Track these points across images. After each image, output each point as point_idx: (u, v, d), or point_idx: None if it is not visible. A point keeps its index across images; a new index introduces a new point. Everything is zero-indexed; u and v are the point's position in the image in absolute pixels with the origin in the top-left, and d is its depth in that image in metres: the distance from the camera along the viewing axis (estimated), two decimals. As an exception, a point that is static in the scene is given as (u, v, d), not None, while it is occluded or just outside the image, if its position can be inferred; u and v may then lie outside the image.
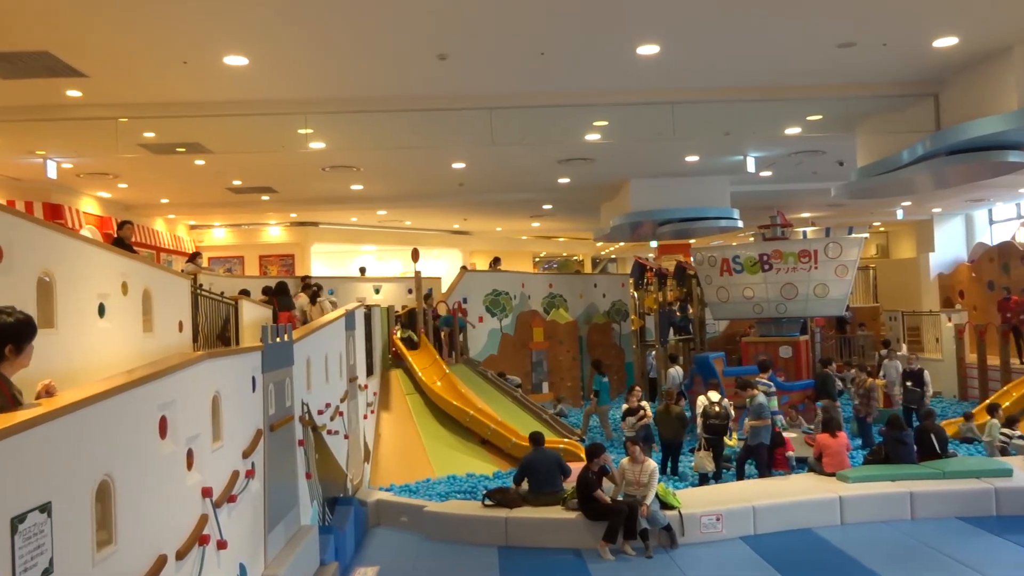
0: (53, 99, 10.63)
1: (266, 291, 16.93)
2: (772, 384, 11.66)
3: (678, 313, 19.20)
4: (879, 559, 8.12)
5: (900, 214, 23.99)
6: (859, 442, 12.96)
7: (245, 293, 14.38)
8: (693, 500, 9.33)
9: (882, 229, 30.51)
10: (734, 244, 19.47)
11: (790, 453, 11.42)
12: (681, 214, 17.11)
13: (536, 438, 10.09)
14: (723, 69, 10.41)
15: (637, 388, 13.19)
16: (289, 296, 16.13)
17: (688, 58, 9.91)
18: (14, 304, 3.49)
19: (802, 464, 11.30)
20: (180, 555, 3.83)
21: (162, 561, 3.58)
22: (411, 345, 15.52)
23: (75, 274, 5.47)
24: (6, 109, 10.85)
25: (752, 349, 16.46)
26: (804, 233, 19.26)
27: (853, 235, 17.22)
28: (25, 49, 8.80)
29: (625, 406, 12.39)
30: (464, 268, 22.17)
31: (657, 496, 8.84)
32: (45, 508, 2.60)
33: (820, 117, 12.55)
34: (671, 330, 18.82)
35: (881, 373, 16.05)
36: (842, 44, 9.46)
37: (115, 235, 11.01)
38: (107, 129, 11.41)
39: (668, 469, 11.92)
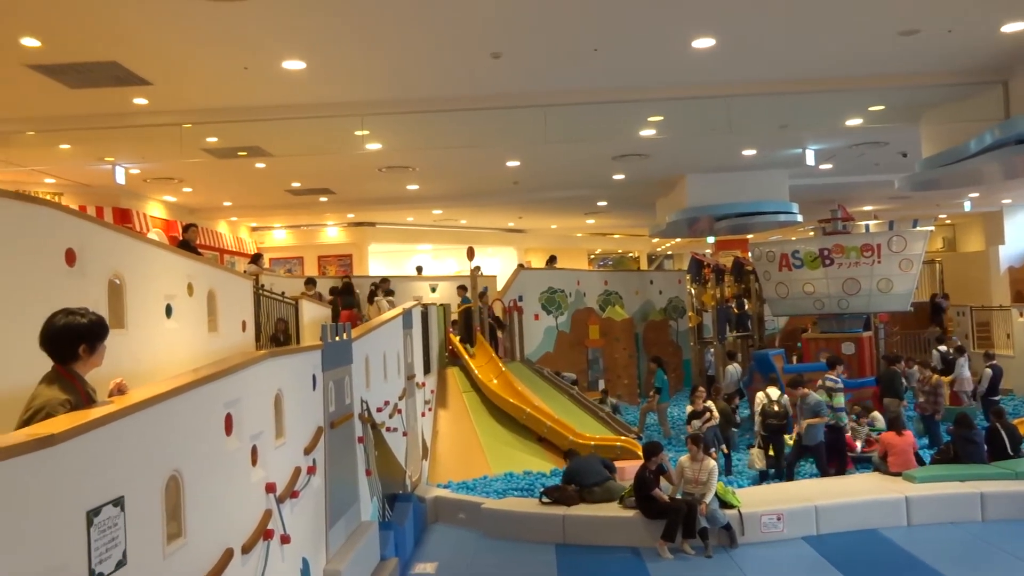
0: (121, 107, 11.00)
1: (333, 291, 17.27)
2: (840, 381, 11.34)
3: (735, 310, 18.92)
4: (947, 562, 7.88)
5: (967, 206, 23.21)
6: (925, 441, 12.60)
7: (311, 283, 14.68)
8: (753, 499, 9.19)
9: (948, 222, 29.58)
10: (793, 239, 19.09)
11: (853, 453, 11.17)
12: (738, 209, 16.86)
13: (570, 454, 10.74)
14: (780, 61, 10.22)
15: (701, 389, 12.57)
16: (353, 295, 16.40)
17: (744, 51, 9.76)
18: (87, 306, 3.62)
19: (866, 463, 11.05)
20: (246, 549, 3.93)
21: (229, 555, 3.68)
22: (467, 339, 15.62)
23: (143, 276, 5.66)
24: (78, 118, 11.28)
25: (813, 346, 16.14)
26: (866, 227, 18.76)
27: (918, 228, 16.67)
28: (94, 60, 9.13)
29: (690, 408, 11.87)
30: (520, 266, 22.20)
31: (717, 495, 8.74)
32: (118, 502, 2.70)
33: (882, 107, 12.22)
34: (729, 327, 18.56)
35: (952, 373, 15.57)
36: (904, 32, 9.19)
37: (181, 238, 11.35)
38: (172, 135, 11.77)
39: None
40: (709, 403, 12.06)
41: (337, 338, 6.51)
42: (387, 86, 10.74)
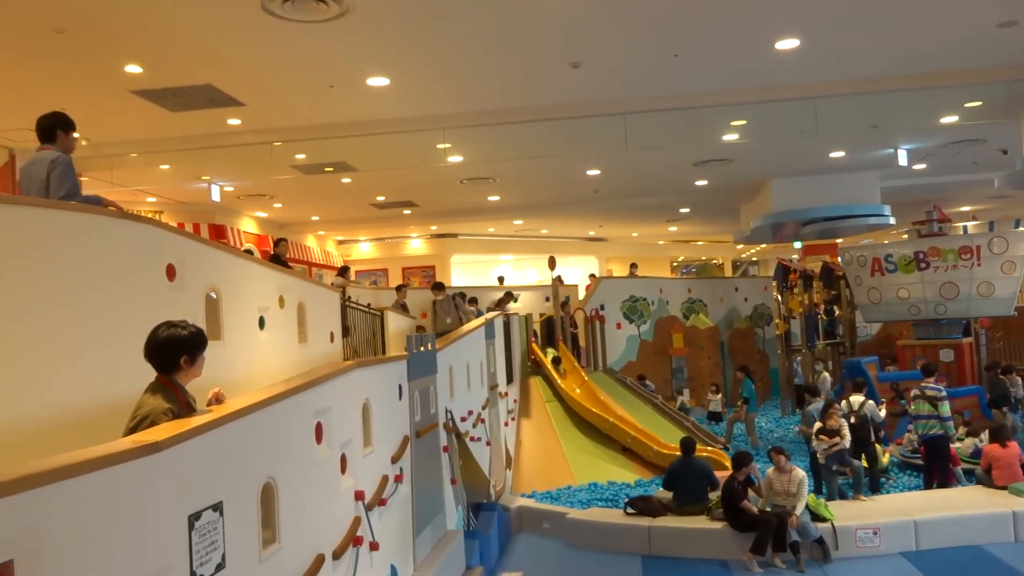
0: (216, 128, 11.51)
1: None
2: (942, 389, 10.82)
3: (824, 316, 18.35)
4: (1061, 581, 7.45)
5: (1076, 204, 21.96)
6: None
7: (439, 287, 14.88)
8: (847, 512, 8.88)
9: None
10: (886, 242, 18.41)
11: (959, 468, 10.65)
12: (827, 213, 16.39)
13: (687, 445, 9.65)
14: (868, 59, 9.92)
15: (836, 406, 10.68)
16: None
17: (830, 50, 9.51)
18: (186, 318, 3.78)
19: (970, 476, 10.53)
20: (336, 555, 4.02)
21: (320, 560, 3.77)
22: (556, 363, 15.45)
23: (238, 290, 5.87)
24: (177, 139, 11.85)
25: (909, 353, 15.50)
26: (964, 228, 17.95)
27: (1021, 228, 15.88)
28: (191, 83, 9.59)
29: (819, 424, 10.35)
30: (593, 276, 22.14)
31: (808, 507, 8.48)
32: (217, 507, 2.80)
33: (979, 104, 11.69)
34: (818, 334, 18.01)
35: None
36: (1002, 24, 8.80)
37: (272, 252, 11.75)
38: (263, 153, 12.24)
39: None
40: (843, 423, 10.27)
41: (422, 348, 6.61)
42: (468, 99, 10.90)
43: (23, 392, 3.84)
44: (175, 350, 3.49)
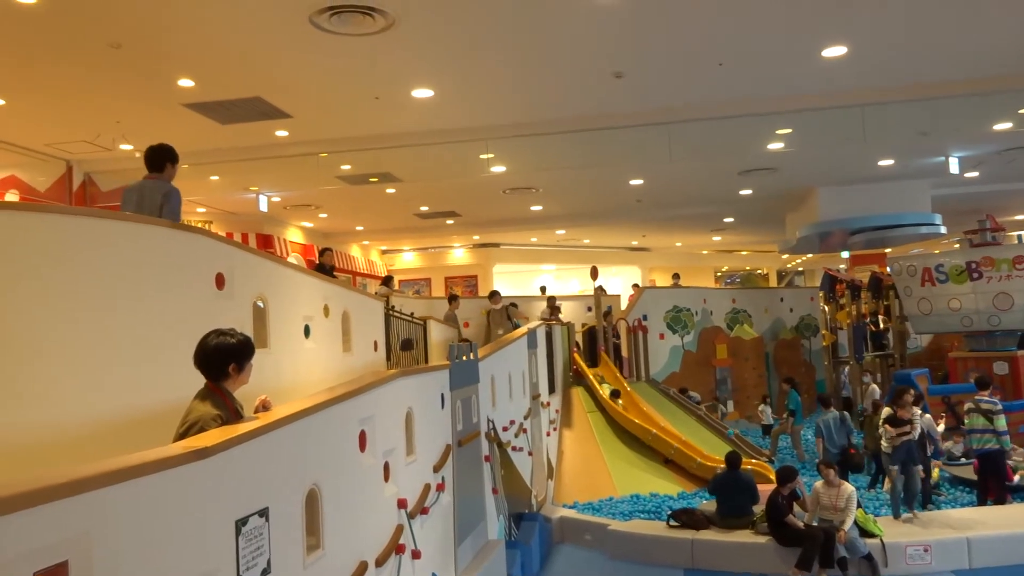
0: (264, 139, 11.74)
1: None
2: (997, 402, 10.52)
3: (873, 327, 17.98)
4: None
5: None
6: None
7: (495, 295, 14.92)
8: (897, 528, 8.67)
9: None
10: (936, 252, 18.00)
11: (1014, 481, 10.34)
12: (875, 222, 16.07)
13: (732, 460, 9.52)
14: (918, 65, 9.74)
15: (911, 393, 9.72)
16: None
17: (879, 56, 9.35)
18: (234, 326, 3.86)
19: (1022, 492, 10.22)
20: (379, 562, 4.04)
21: (363, 567, 3.80)
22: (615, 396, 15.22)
23: (284, 298, 5.97)
24: (226, 151, 12.12)
25: (961, 365, 15.11)
26: (1019, 237, 17.46)
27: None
28: (240, 96, 9.79)
29: (887, 410, 9.62)
30: (636, 286, 22.02)
31: (857, 523, 8.30)
32: (263, 513, 2.84)
33: (1035, 109, 11.41)
34: (866, 345, 17.65)
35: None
36: (1060, 29, 8.58)
37: (317, 261, 11.92)
38: (309, 164, 12.46)
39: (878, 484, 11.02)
40: (916, 412, 9.61)
41: (464, 358, 6.64)
42: (511, 110, 10.95)
43: (77, 396, 3.96)
44: (224, 358, 3.55)
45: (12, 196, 12.18)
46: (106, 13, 7.42)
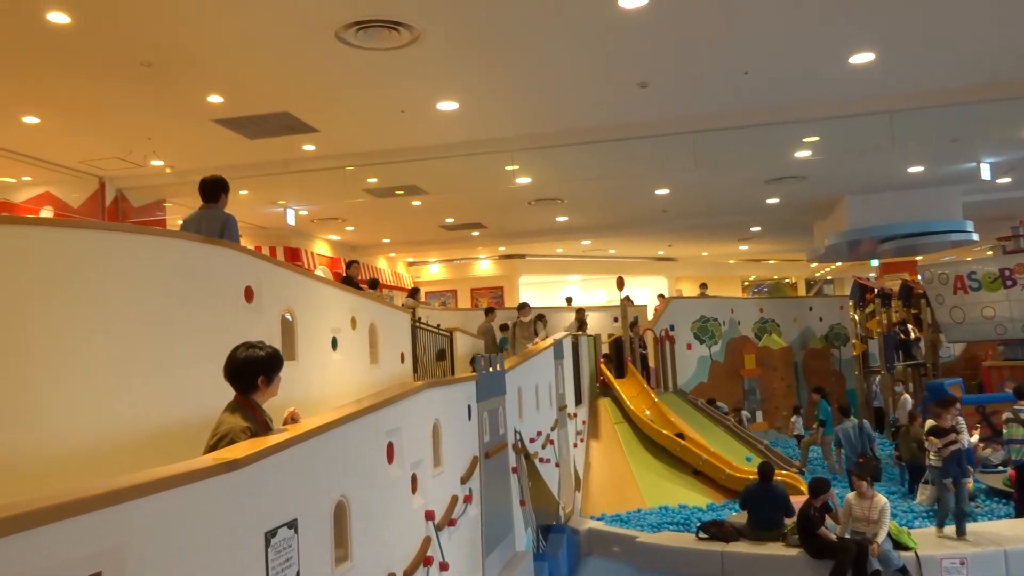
0: (292, 154, 11.88)
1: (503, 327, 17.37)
2: None
3: (902, 336, 17.70)
4: None
5: None
6: None
7: (524, 307, 14.96)
8: (932, 541, 8.51)
9: None
10: (968, 259, 17.73)
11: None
12: (905, 229, 15.87)
13: (765, 471, 9.34)
14: (948, 70, 9.62)
15: (958, 404, 9.40)
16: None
17: (907, 62, 9.26)
18: (263, 339, 3.89)
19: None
20: (407, 574, 4.04)
21: (391, 579, 3.81)
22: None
23: (312, 311, 6.02)
24: (255, 166, 12.27)
25: (996, 374, 14.84)
26: (1056, 244, 17.18)
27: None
28: (269, 111, 9.92)
29: (931, 422, 9.28)
30: (661, 296, 21.91)
31: (891, 535, 8.16)
32: (292, 524, 2.85)
33: (1069, 114, 11.22)
34: (897, 355, 17.38)
35: None
36: (1093, 32, 8.44)
37: (344, 274, 12.01)
38: (336, 177, 12.58)
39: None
40: (960, 420, 9.34)
41: (490, 369, 6.64)
42: (536, 121, 10.98)
43: (108, 407, 4.01)
44: (253, 370, 3.58)
45: (47, 212, 12.42)
46: (137, 32, 7.56)
